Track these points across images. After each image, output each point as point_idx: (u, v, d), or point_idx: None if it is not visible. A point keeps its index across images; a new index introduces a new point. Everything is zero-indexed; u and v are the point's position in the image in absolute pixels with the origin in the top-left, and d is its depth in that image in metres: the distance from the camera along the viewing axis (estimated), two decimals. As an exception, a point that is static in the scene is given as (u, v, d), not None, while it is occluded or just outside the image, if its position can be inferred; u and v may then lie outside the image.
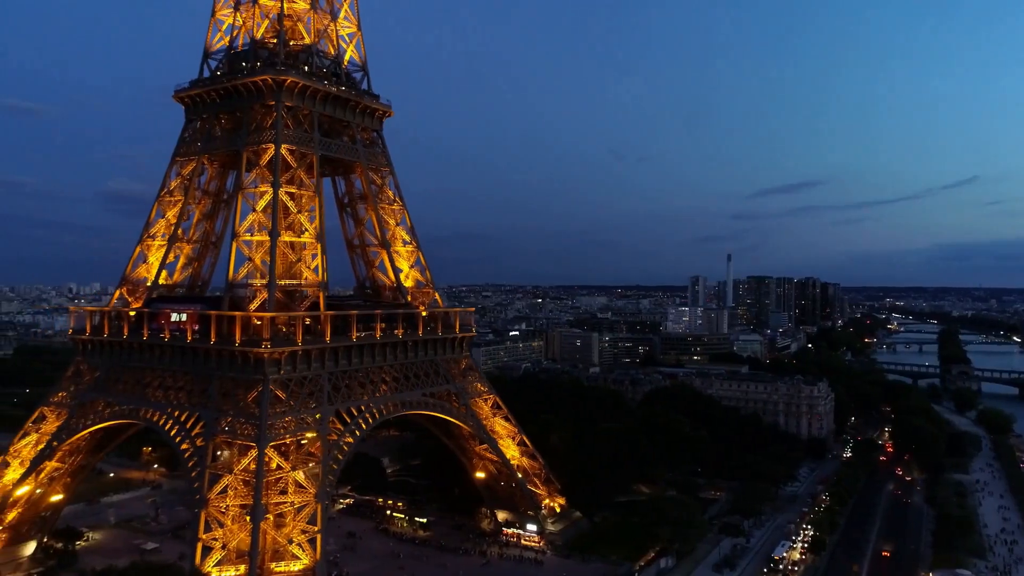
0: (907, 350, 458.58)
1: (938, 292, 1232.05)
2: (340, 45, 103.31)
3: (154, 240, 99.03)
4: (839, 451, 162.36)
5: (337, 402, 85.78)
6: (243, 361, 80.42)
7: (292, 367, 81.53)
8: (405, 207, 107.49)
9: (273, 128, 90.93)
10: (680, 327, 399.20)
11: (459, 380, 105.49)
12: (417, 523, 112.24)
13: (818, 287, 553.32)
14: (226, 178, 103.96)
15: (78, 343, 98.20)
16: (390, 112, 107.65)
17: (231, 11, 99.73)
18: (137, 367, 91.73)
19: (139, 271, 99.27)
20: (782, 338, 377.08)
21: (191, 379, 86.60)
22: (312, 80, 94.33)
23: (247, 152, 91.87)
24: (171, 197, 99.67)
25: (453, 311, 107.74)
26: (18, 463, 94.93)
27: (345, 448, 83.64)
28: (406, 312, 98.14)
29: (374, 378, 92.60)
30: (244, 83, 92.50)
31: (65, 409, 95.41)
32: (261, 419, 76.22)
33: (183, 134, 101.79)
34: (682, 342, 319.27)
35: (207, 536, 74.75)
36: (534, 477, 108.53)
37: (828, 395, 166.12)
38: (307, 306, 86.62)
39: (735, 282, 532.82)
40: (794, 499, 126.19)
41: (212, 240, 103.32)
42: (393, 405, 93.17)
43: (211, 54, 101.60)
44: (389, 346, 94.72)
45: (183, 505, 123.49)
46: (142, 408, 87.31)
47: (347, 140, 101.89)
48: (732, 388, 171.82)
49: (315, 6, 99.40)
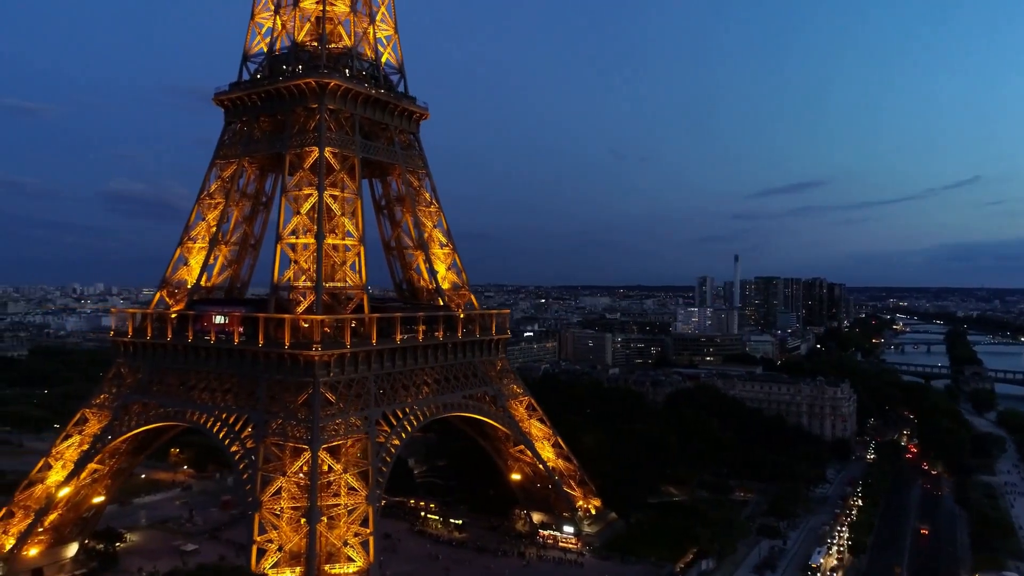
0: (915, 350, 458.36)
1: (941, 292, 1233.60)
2: (378, 48, 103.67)
3: (194, 243, 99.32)
4: (862, 452, 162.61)
5: (383, 404, 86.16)
6: (292, 364, 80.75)
7: (340, 370, 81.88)
8: (441, 209, 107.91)
9: (316, 131, 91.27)
10: (690, 327, 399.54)
11: (496, 382, 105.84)
12: (452, 524, 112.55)
13: (825, 288, 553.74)
14: (264, 180, 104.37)
15: (119, 345, 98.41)
16: (427, 115, 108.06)
17: (271, 14, 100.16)
18: (181, 369, 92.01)
19: (179, 273, 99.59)
20: (792, 339, 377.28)
21: (237, 381, 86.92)
22: (354, 83, 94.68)
23: (290, 155, 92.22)
24: (211, 200, 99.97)
25: (490, 313, 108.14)
26: (60, 465, 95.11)
27: (392, 450, 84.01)
28: (446, 314, 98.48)
29: (417, 380, 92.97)
30: (287, 86, 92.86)
31: (107, 411, 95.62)
32: (313, 422, 76.53)
33: (222, 137, 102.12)
34: (695, 343, 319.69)
35: (261, 538, 75.05)
36: (569, 479, 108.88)
37: (851, 397, 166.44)
38: (352, 309, 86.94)
39: (742, 282, 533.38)
40: (824, 500, 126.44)
41: (251, 242, 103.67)
42: (435, 407, 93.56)
43: (250, 57, 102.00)
44: (431, 348, 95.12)
45: (215, 506, 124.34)
46: (188, 410, 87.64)
47: (386, 143, 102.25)
48: (755, 389, 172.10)
49: (354, 9, 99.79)
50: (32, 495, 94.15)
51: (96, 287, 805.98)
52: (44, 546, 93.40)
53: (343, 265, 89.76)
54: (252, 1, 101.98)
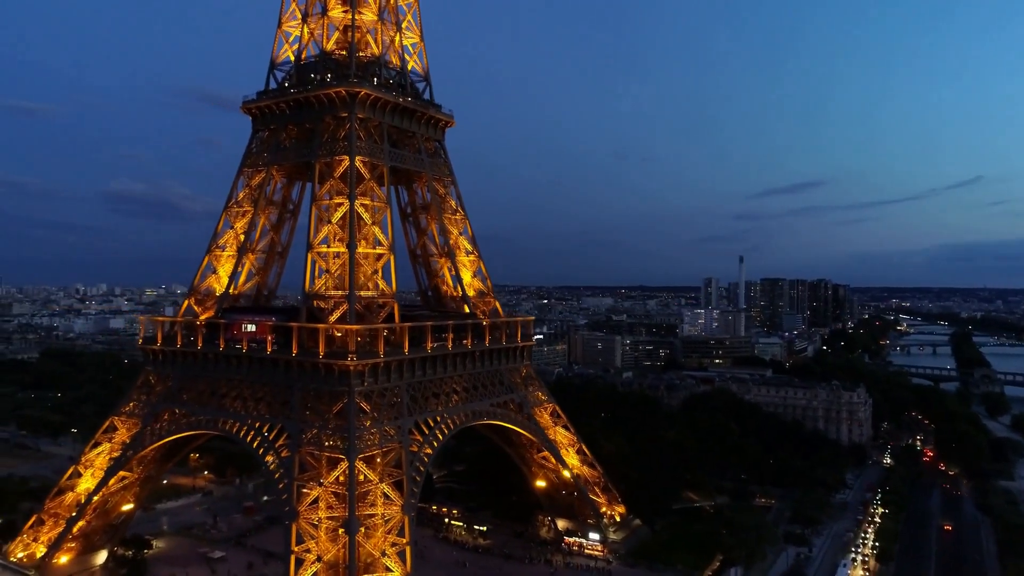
0: (920, 352, 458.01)
1: (943, 293, 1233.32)
2: (404, 55, 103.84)
3: (223, 251, 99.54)
4: (878, 456, 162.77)
5: (415, 413, 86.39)
6: (327, 373, 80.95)
7: (374, 379, 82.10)
8: (467, 216, 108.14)
9: (346, 140, 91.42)
10: (696, 329, 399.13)
11: (521, 389, 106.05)
12: (477, 531, 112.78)
13: (830, 289, 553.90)
14: (291, 187, 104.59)
15: (148, 353, 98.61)
16: (452, 122, 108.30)
17: (298, 23, 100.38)
18: (212, 377, 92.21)
19: (208, 281, 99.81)
20: (799, 340, 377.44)
21: (269, 390, 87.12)
22: (383, 92, 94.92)
23: (319, 164, 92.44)
24: (239, 208, 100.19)
25: (515, 320, 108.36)
26: (90, 473, 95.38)
27: (425, 459, 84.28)
28: (473, 322, 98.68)
29: (446, 388, 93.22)
30: (316, 95, 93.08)
31: (136, 419, 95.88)
32: (350, 431, 76.76)
33: (250, 145, 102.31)
34: (704, 345, 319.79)
35: (299, 548, 75.26)
36: (594, 485, 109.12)
37: (867, 401, 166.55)
38: (383, 317, 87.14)
39: (747, 283, 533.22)
40: (845, 506, 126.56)
41: (278, 250, 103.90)
42: (465, 415, 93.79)
43: (277, 65, 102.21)
44: (460, 356, 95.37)
45: (238, 512, 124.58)
46: (220, 419, 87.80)
47: (412, 150, 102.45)
48: (770, 394, 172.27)
49: (382, 17, 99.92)
50: (63, 503, 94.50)
51: (99, 287, 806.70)
52: (74, 554, 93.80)
53: (374, 274, 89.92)
54: (279, 10, 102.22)
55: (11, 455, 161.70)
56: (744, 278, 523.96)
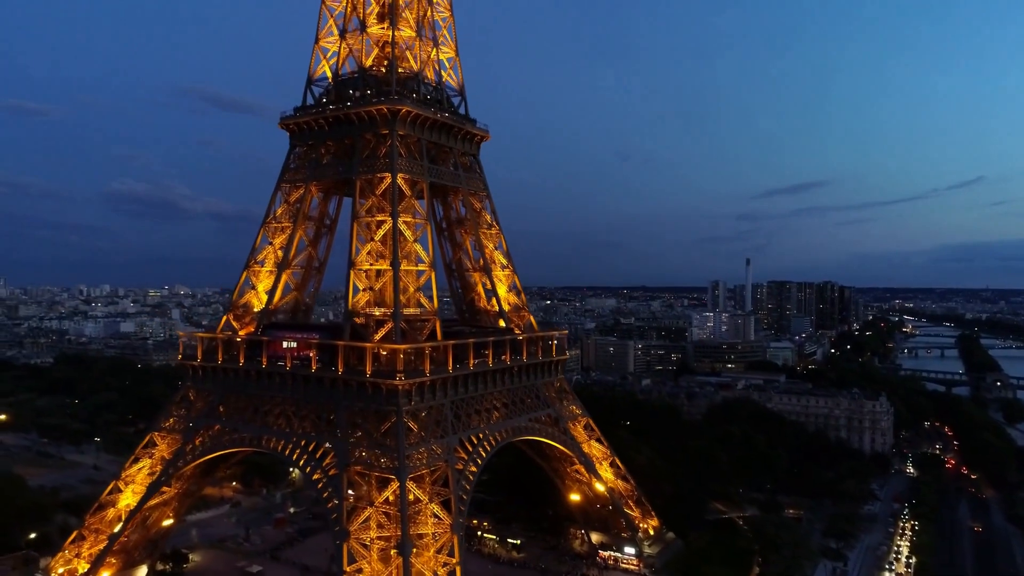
0: (928, 355, 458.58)
1: (946, 293, 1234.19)
2: (439, 70, 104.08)
3: (261, 267, 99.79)
4: (900, 465, 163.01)
5: (459, 431, 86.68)
6: (374, 392, 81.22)
7: (420, 397, 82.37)
8: (501, 231, 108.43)
9: (387, 157, 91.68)
10: (705, 332, 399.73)
11: (556, 403, 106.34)
12: (510, 544, 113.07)
13: (836, 291, 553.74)
14: (328, 203, 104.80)
15: (188, 368, 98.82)
16: (487, 136, 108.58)
17: (336, 39, 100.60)
18: (254, 394, 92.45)
19: (246, 297, 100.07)
20: (808, 344, 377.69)
21: (313, 408, 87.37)
22: (423, 108, 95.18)
23: (360, 180, 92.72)
24: (277, 224, 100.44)
25: (549, 334, 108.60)
26: (131, 489, 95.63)
27: (471, 477, 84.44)
28: (512, 338, 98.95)
29: (487, 405, 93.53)
30: (357, 112, 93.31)
31: (177, 435, 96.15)
32: (399, 451, 77.01)
33: (288, 161, 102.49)
34: (716, 350, 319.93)
35: (351, 568, 75.54)
36: (628, 499, 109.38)
37: (888, 410, 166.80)
38: (426, 334, 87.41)
39: (752, 286, 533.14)
40: (875, 518, 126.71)
41: (315, 265, 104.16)
42: (506, 431, 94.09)
43: (314, 81, 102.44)
44: (499, 372, 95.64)
45: (268, 524, 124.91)
46: (264, 436, 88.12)
47: (449, 165, 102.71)
48: (792, 403, 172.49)
49: (420, 34, 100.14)
50: (104, 518, 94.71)
51: (102, 288, 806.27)
52: (115, 569, 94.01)
53: (416, 291, 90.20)
54: (316, 26, 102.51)
55: (35, 463, 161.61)
56: (751, 280, 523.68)
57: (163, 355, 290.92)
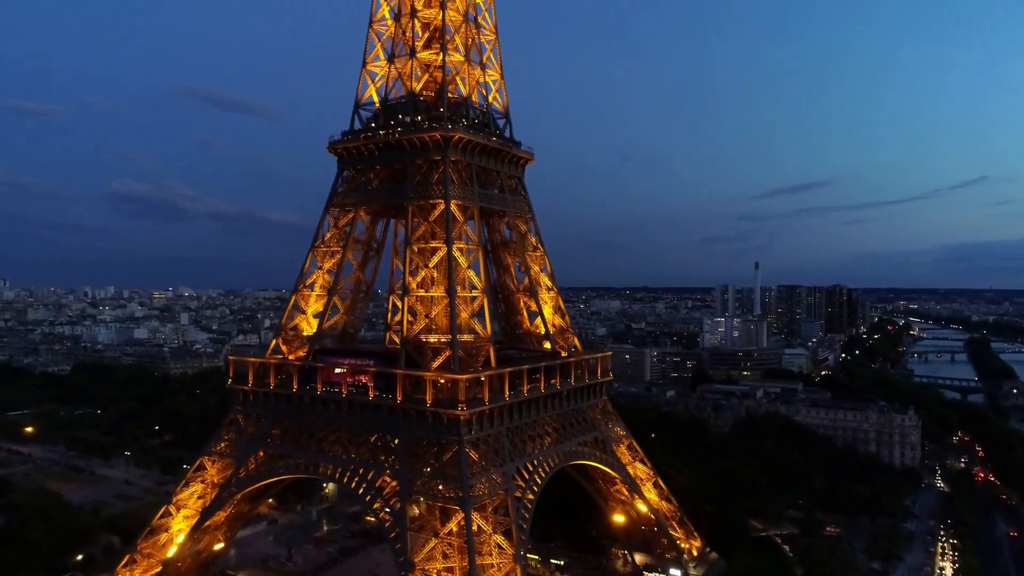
0: (939, 360, 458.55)
1: (949, 294, 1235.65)
2: (488, 94, 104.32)
3: (311, 291, 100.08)
4: (929, 479, 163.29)
5: (516, 458, 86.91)
6: (434, 421, 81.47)
7: (480, 426, 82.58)
8: (545, 253, 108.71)
9: (439, 183, 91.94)
10: (716, 338, 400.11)
11: (602, 425, 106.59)
12: (553, 564, 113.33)
13: (845, 294, 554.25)
14: (376, 226, 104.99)
15: (238, 393, 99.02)
16: (532, 159, 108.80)
17: (385, 63, 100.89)
18: (307, 420, 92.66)
19: (295, 320, 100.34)
20: (820, 350, 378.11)
21: (369, 435, 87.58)
22: (475, 135, 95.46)
23: (412, 206, 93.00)
24: (326, 248, 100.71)
25: (595, 356, 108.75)
26: (182, 514, 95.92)
27: (529, 505, 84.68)
28: (562, 362, 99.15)
29: (539, 431, 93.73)
30: (409, 138, 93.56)
31: (228, 459, 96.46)
32: (463, 481, 77.23)
33: (336, 184, 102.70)
34: (731, 357, 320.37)
35: (417, 600, 75.74)
36: (671, 520, 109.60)
37: (917, 423, 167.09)
38: (481, 361, 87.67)
39: (760, 289, 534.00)
40: (912, 537, 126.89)
41: (362, 289, 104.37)
42: (559, 456, 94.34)
43: (361, 105, 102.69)
44: (551, 397, 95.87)
45: (307, 543, 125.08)
46: (321, 463, 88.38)
47: (496, 189, 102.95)
48: (820, 416, 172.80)
49: (468, 58, 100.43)
50: (156, 543, 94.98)
51: (107, 290, 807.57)
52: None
53: (471, 318, 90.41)
54: (363, 50, 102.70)
55: (66, 478, 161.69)
56: (760, 284, 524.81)
57: (180, 363, 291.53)
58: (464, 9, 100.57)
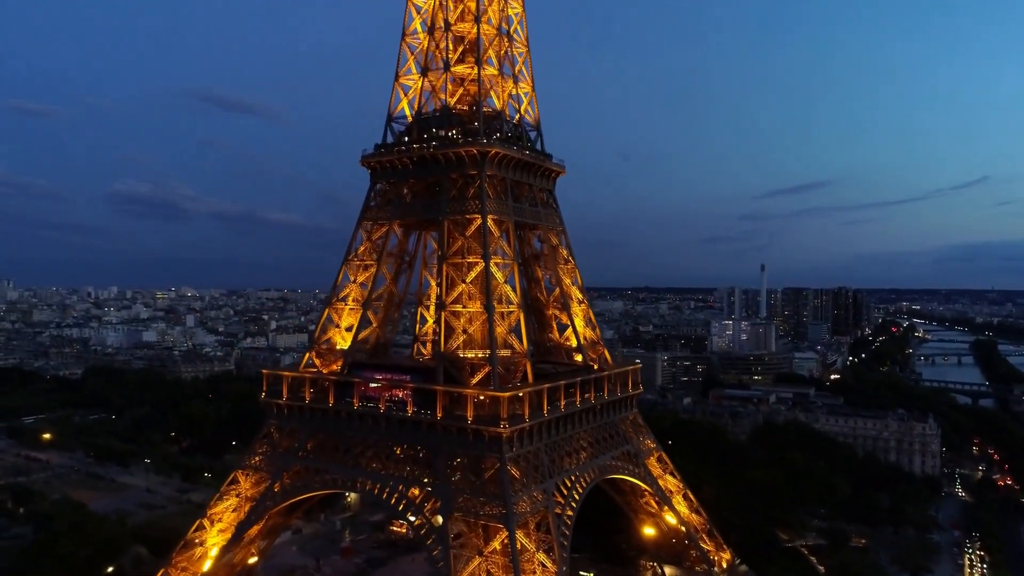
0: (945, 363, 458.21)
1: (951, 294, 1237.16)
2: (516, 106, 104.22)
3: (344, 304, 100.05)
4: (949, 487, 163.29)
5: (554, 475, 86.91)
6: (475, 438, 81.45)
7: (520, 443, 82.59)
8: (576, 266, 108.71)
9: (476, 198, 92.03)
10: (724, 341, 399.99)
11: (633, 439, 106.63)
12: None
13: (850, 296, 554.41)
14: (408, 239, 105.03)
15: (272, 407, 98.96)
16: (563, 171, 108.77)
17: (418, 76, 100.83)
18: (344, 434, 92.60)
19: (328, 334, 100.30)
20: (829, 353, 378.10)
21: (407, 451, 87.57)
22: (511, 149, 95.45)
23: (448, 221, 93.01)
24: (359, 261, 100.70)
25: (626, 370, 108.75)
26: (217, 528, 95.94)
27: (568, 522, 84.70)
28: (596, 376, 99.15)
29: (576, 446, 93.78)
30: (445, 153, 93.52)
31: (263, 474, 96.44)
32: (506, 499, 77.26)
33: (369, 198, 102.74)
34: (742, 361, 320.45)
35: (463, 619, 75.76)
36: (702, 532, 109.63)
37: (937, 431, 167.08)
38: (519, 377, 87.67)
39: (765, 291, 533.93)
40: (938, 548, 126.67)
41: (395, 302, 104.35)
42: (595, 471, 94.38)
43: (394, 118, 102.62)
44: (586, 412, 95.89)
45: (334, 553, 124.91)
46: (359, 478, 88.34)
47: (528, 202, 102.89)
48: (840, 423, 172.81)
49: (502, 71, 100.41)
50: (191, 557, 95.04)
51: (110, 291, 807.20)
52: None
53: (508, 333, 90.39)
54: (396, 63, 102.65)
55: (86, 486, 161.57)
56: (766, 286, 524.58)
57: (191, 367, 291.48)
58: (497, 22, 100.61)
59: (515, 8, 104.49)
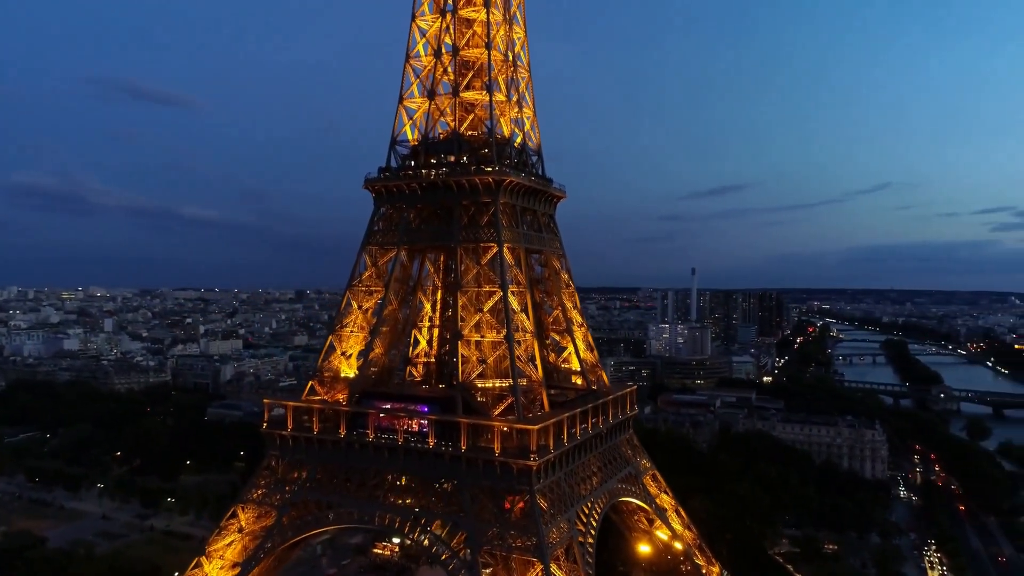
0: (861, 362, 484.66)
1: (857, 294, 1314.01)
2: (519, 131, 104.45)
3: (349, 331, 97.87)
4: (894, 491, 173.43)
5: (574, 503, 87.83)
6: (503, 470, 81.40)
7: (546, 474, 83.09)
8: (576, 289, 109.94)
9: (490, 226, 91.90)
10: (661, 344, 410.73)
11: (632, 460, 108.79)
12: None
13: (774, 298, 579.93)
14: (412, 264, 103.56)
15: (275, 438, 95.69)
16: (564, 196, 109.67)
17: (423, 101, 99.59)
18: (356, 467, 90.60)
19: (332, 362, 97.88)
20: (762, 356, 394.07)
21: (429, 483, 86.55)
22: (523, 177, 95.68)
23: (461, 248, 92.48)
24: (364, 287, 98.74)
25: (625, 392, 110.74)
26: (216, 565, 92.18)
27: (591, 549, 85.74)
28: (603, 401, 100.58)
29: (588, 472, 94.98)
30: (457, 180, 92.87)
31: (265, 507, 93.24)
32: (539, 531, 77.63)
33: (373, 222, 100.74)
34: (685, 366, 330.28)
35: (500, 654, 75.65)
36: (693, 547, 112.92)
37: (884, 438, 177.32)
38: (538, 407, 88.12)
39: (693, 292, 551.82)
40: (899, 552, 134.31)
41: (400, 328, 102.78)
42: (606, 496, 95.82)
43: (398, 141, 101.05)
44: (596, 437, 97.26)
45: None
46: (378, 513, 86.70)
47: (533, 228, 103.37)
48: (796, 431, 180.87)
49: (509, 98, 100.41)
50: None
51: (10, 290, 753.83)
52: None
53: (526, 362, 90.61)
54: (400, 85, 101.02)
55: (33, 514, 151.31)
56: (696, 287, 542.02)
57: (125, 378, 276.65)
58: (504, 49, 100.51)
59: (518, 33, 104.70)
